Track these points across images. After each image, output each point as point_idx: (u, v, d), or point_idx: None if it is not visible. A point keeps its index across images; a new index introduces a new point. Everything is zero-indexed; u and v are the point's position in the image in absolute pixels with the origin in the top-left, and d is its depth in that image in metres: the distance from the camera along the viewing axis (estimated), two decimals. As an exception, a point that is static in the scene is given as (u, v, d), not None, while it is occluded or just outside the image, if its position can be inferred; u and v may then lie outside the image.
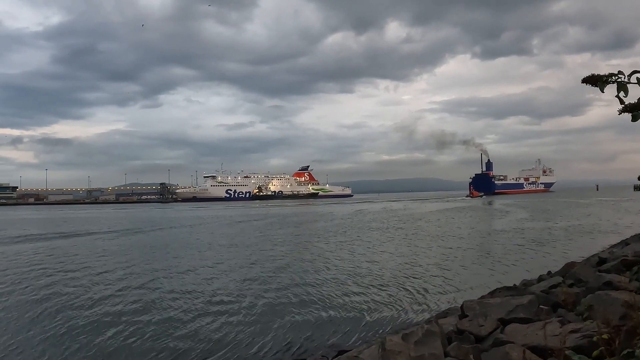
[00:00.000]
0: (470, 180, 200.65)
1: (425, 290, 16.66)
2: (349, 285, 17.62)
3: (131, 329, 12.55)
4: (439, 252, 26.33)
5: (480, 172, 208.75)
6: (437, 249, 27.74)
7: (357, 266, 22.08)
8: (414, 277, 18.93)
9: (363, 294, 16.20)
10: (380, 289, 16.83)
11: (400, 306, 14.45)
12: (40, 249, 31.63)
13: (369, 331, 12.06)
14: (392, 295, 15.84)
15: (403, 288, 17.00)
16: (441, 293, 16.21)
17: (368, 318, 13.23)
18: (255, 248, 30.41)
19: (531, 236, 33.40)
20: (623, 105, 2.78)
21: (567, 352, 4.28)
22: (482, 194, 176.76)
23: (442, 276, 19.11)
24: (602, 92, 2.74)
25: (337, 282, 18.39)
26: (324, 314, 13.83)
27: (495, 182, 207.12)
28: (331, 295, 16.08)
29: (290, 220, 61.10)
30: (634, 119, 2.77)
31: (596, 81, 2.75)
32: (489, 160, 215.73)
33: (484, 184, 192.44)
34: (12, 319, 13.93)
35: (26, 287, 18.58)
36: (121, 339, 11.83)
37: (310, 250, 28.65)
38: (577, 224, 42.11)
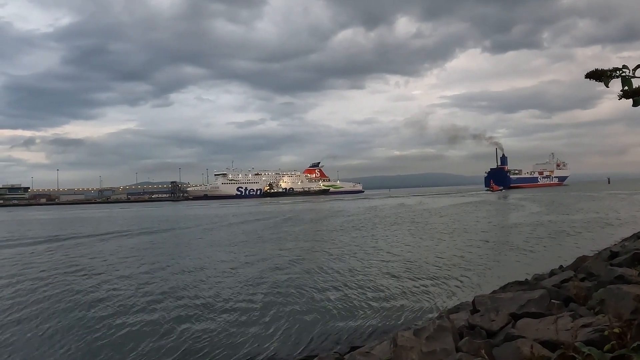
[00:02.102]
0: (486, 174, 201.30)
1: (437, 284, 16.66)
2: (362, 281, 17.63)
3: (144, 327, 12.75)
4: (452, 246, 26.27)
5: (495, 167, 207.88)
6: (451, 243, 27.69)
7: (370, 261, 22.11)
8: (426, 272, 18.89)
9: (375, 289, 16.22)
10: (392, 284, 16.83)
11: (412, 301, 14.46)
12: (66, 250, 32.12)
13: (380, 327, 12.09)
14: (404, 290, 15.85)
15: (415, 283, 16.99)
16: (453, 288, 16.19)
17: (380, 314, 13.26)
18: (272, 245, 30.53)
19: (544, 230, 33.17)
20: (623, 91, 2.75)
21: (576, 343, 4.28)
22: (502, 187, 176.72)
23: (454, 270, 19.06)
24: (607, 86, 2.69)
25: (349, 277, 18.41)
26: (336, 309, 13.87)
27: (511, 176, 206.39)
28: (344, 291, 16.11)
29: (305, 217, 61.19)
30: (635, 104, 2.74)
31: (600, 76, 2.70)
32: (503, 154, 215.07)
33: (499, 178, 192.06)
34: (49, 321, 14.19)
35: (64, 288, 18.73)
36: (138, 336, 12.03)
37: (326, 246, 28.67)
38: (589, 217, 41.70)
